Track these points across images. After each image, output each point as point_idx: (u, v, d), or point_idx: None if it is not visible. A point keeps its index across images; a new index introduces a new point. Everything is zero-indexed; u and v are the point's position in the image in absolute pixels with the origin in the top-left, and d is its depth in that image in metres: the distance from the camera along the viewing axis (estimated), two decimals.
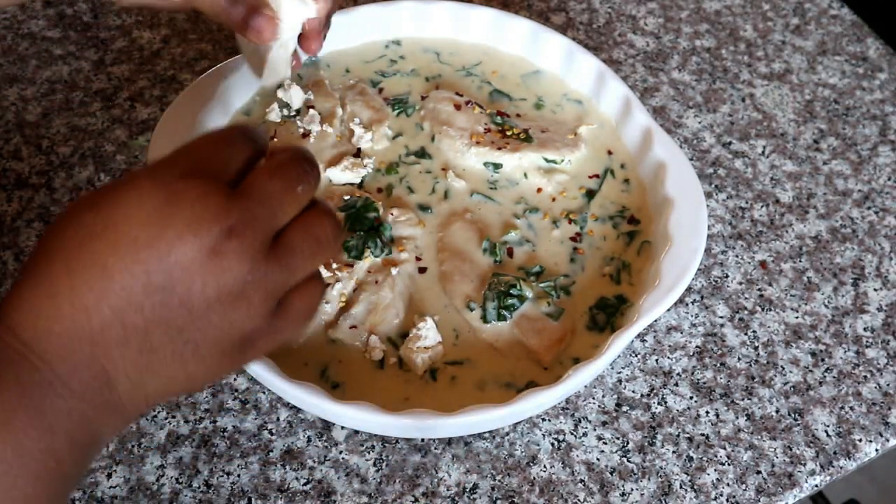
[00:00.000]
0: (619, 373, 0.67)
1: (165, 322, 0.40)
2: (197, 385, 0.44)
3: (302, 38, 0.67)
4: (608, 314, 0.63)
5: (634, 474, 0.62)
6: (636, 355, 0.68)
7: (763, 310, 0.71)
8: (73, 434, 0.40)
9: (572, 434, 0.63)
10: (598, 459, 0.62)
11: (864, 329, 0.71)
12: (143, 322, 0.40)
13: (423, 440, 0.62)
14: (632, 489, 0.61)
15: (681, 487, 0.62)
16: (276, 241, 0.42)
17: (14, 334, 0.39)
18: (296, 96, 0.72)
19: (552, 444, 0.63)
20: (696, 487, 0.62)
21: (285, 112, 0.72)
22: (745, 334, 0.70)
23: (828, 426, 0.65)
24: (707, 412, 0.65)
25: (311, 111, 0.72)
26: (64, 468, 0.40)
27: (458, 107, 0.74)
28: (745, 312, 0.71)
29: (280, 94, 0.72)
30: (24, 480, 0.38)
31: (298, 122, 0.72)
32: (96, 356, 0.40)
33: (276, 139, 0.70)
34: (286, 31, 0.64)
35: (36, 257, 0.41)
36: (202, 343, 0.41)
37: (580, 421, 0.64)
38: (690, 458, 0.63)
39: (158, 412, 0.63)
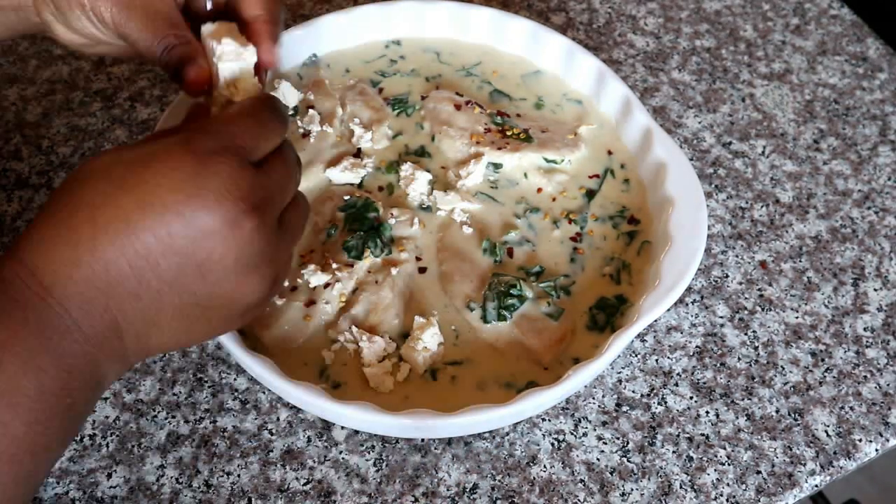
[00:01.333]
0: (619, 373, 0.67)
1: (179, 284, 0.43)
2: (194, 342, 0.47)
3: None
4: (608, 314, 0.63)
5: (634, 474, 0.62)
6: (636, 355, 0.68)
7: (763, 310, 0.71)
8: (85, 376, 0.42)
9: (572, 434, 0.63)
10: (598, 459, 0.62)
11: (864, 329, 0.71)
12: (157, 281, 0.42)
13: (423, 440, 0.62)
14: (632, 489, 0.61)
15: (681, 487, 0.62)
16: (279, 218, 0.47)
17: (34, 276, 0.41)
18: (290, 95, 0.71)
19: (552, 444, 0.63)
20: (696, 487, 0.62)
21: None
22: (745, 334, 0.70)
23: (828, 426, 0.65)
24: (707, 412, 0.65)
25: (311, 111, 0.72)
26: (77, 406, 0.42)
27: (458, 107, 0.73)
28: (745, 312, 0.71)
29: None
30: (45, 415, 0.41)
31: (298, 122, 0.72)
32: (109, 307, 0.42)
33: None
34: (226, 73, 0.53)
35: (58, 203, 0.42)
36: (210, 307, 0.45)
37: (580, 421, 0.64)
38: (690, 458, 0.63)
39: (158, 412, 0.63)
